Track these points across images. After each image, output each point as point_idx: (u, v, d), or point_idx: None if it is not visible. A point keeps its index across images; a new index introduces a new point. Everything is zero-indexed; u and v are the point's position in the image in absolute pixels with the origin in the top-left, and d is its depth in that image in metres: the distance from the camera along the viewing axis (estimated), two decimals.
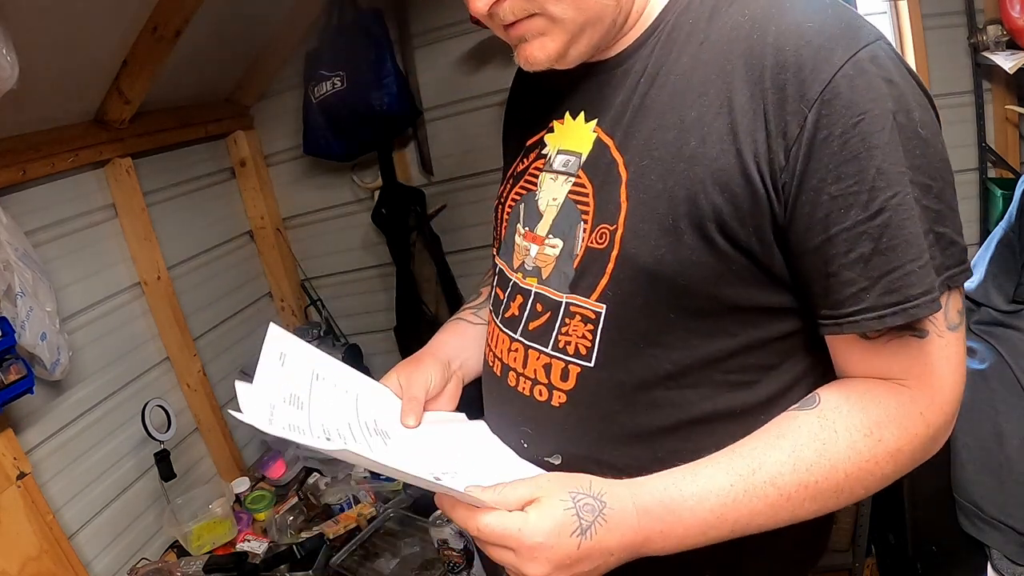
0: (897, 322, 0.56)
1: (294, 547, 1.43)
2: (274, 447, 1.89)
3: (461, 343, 0.90)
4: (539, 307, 0.70)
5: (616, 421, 0.67)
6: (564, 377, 0.68)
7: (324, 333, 2.13)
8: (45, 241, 1.44)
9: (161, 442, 1.53)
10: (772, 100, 0.56)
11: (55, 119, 1.44)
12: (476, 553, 1.27)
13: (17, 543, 1.22)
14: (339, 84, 1.87)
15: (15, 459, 1.25)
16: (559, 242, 0.69)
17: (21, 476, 1.24)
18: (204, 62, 1.77)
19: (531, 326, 0.71)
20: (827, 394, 0.62)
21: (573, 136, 0.71)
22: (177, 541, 1.56)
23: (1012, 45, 1.74)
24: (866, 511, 1.94)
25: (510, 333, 0.74)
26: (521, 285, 0.73)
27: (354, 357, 2.09)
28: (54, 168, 1.43)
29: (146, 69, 1.48)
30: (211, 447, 1.83)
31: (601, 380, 0.66)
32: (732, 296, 0.61)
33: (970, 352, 1.64)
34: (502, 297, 0.77)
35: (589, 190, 0.67)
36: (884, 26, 1.99)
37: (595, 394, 0.67)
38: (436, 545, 1.25)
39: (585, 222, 0.66)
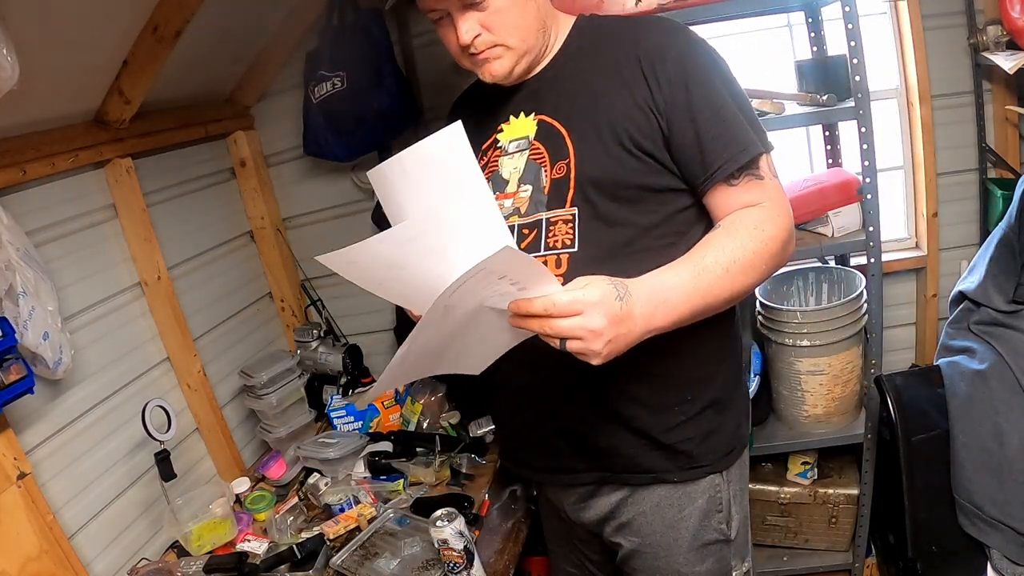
0: (744, 159, 0.97)
1: (294, 547, 1.43)
2: (274, 447, 1.89)
3: None
4: (525, 231, 1.05)
5: None
6: (558, 265, 1.02)
7: (324, 333, 2.13)
8: (45, 241, 1.44)
9: (161, 442, 1.53)
10: (647, 70, 0.99)
11: (55, 119, 1.44)
12: (476, 554, 1.27)
13: (17, 543, 1.22)
14: (339, 84, 1.87)
15: (15, 459, 1.24)
16: (529, 187, 1.06)
17: (21, 476, 1.24)
18: (204, 62, 1.77)
19: (522, 245, 1.04)
20: (722, 221, 1.00)
21: (519, 128, 1.10)
22: (177, 541, 1.55)
23: (1012, 45, 1.74)
24: (866, 511, 1.95)
25: None
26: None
27: (354, 357, 2.09)
28: (54, 168, 1.43)
29: (146, 69, 1.48)
30: (211, 447, 1.83)
31: (584, 258, 1.01)
32: (649, 183, 1.01)
33: (970, 352, 1.64)
34: None
35: (543, 150, 1.06)
36: (884, 26, 1.99)
37: (581, 269, 0.96)
38: (436, 545, 1.25)
39: (544, 168, 1.05)
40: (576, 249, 1.02)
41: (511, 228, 1.06)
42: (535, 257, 0.97)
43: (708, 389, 1.11)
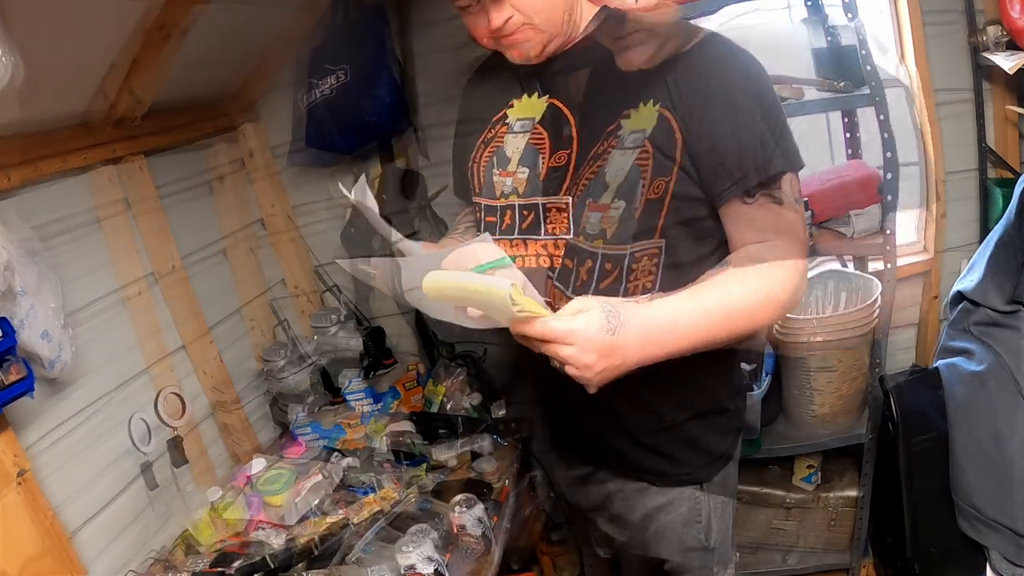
0: (761, 178, 0.95)
1: (312, 544, 1.41)
2: (293, 429, 1.90)
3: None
4: (525, 212, 1.09)
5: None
6: (556, 247, 1.06)
7: (345, 318, 2.13)
8: (55, 234, 1.44)
9: (174, 428, 1.54)
10: (668, 75, 0.96)
11: (65, 118, 1.46)
12: (494, 540, 1.32)
13: (18, 542, 1.20)
14: (342, 78, 1.89)
15: (15, 456, 1.22)
16: (527, 170, 1.09)
17: (21, 474, 1.22)
18: (212, 59, 1.78)
19: (523, 226, 1.09)
20: (732, 257, 0.98)
21: (528, 108, 1.12)
22: (185, 532, 1.54)
23: (1012, 45, 1.73)
24: (864, 512, 1.95)
25: (510, 238, 1.11)
26: (506, 204, 1.11)
27: (376, 339, 2.10)
28: (66, 164, 1.44)
29: (156, 68, 1.50)
30: (225, 433, 1.86)
31: (580, 243, 1.03)
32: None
33: (968, 354, 1.63)
34: (495, 220, 1.13)
35: (544, 135, 1.09)
36: (884, 26, 1.99)
37: (580, 252, 1.03)
38: (455, 531, 1.27)
39: (542, 154, 1.08)
40: (572, 236, 1.06)
41: (511, 207, 1.10)
42: (535, 240, 1.08)
43: (697, 400, 1.13)
